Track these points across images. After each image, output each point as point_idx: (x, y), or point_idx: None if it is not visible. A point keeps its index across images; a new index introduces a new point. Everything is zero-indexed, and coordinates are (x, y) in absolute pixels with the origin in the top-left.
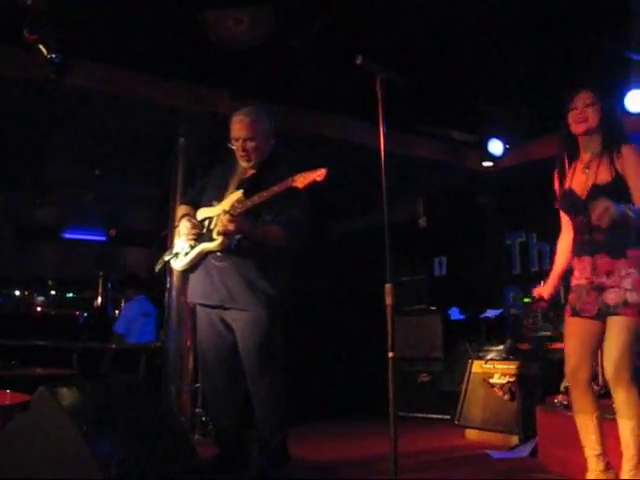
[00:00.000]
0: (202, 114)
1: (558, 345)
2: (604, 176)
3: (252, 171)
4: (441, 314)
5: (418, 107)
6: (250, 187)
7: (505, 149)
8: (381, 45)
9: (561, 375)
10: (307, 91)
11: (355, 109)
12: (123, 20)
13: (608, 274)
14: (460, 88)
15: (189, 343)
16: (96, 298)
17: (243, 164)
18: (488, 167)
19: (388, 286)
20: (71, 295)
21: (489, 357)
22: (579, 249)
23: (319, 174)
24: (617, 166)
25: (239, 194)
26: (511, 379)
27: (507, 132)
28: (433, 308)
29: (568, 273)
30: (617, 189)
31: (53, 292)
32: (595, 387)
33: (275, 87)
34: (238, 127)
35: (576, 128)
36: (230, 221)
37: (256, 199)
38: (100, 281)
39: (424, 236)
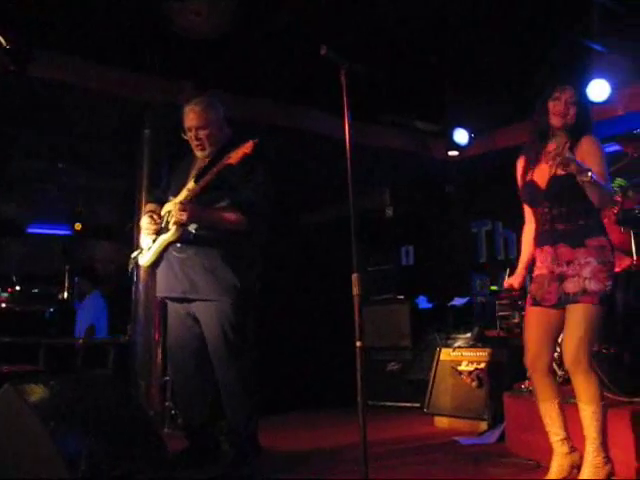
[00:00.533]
0: (166, 106)
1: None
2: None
3: (208, 160)
4: (409, 303)
5: (383, 97)
6: (202, 176)
7: (470, 138)
8: (344, 36)
9: None
10: (271, 82)
11: (321, 100)
12: (85, 11)
13: (568, 263)
14: (425, 78)
15: (157, 337)
16: (62, 293)
17: (198, 154)
18: (454, 156)
19: (355, 276)
20: (36, 290)
21: (457, 345)
22: (541, 240)
23: (247, 146)
24: (577, 157)
25: (192, 184)
26: (479, 366)
27: (472, 121)
28: (401, 297)
29: (531, 264)
30: (576, 180)
31: (18, 287)
32: (559, 372)
33: (239, 78)
34: (190, 117)
35: (556, 120)
36: (181, 210)
37: (201, 183)
38: (66, 275)
39: (391, 226)
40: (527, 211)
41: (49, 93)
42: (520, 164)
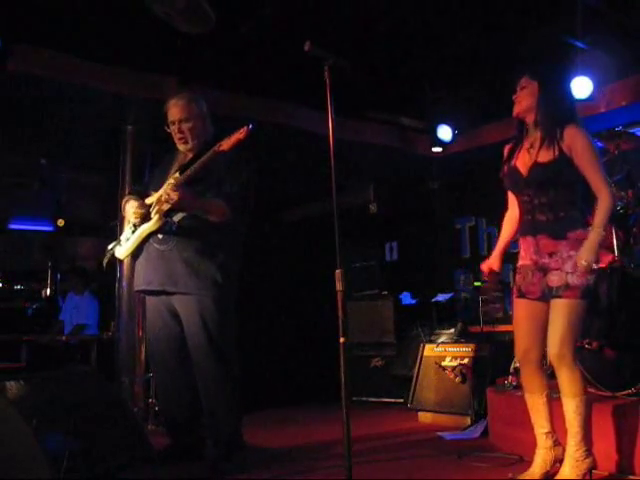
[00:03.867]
0: (150, 101)
1: (506, 327)
2: (546, 155)
3: (191, 155)
4: (393, 299)
5: (368, 94)
6: (187, 169)
7: (454, 135)
8: (330, 31)
9: (511, 357)
10: (256, 77)
11: (306, 96)
12: (67, 4)
13: (551, 254)
14: (409, 74)
15: (141, 333)
16: (44, 289)
17: (181, 147)
18: (437, 153)
19: (338, 272)
20: (18, 287)
21: (440, 340)
22: (523, 229)
23: (241, 132)
24: (562, 146)
25: (176, 175)
26: (462, 362)
27: (456, 118)
28: (385, 293)
29: (515, 255)
30: (558, 169)
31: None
32: (545, 366)
33: (224, 74)
34: (173, 111)
35: (514, 110)
36: (173, 190)
37: (188, 172)
38: (48, 272)
39: (375, 222)
40: (510, 197)
41: (30, 88)
42: (506, 151)
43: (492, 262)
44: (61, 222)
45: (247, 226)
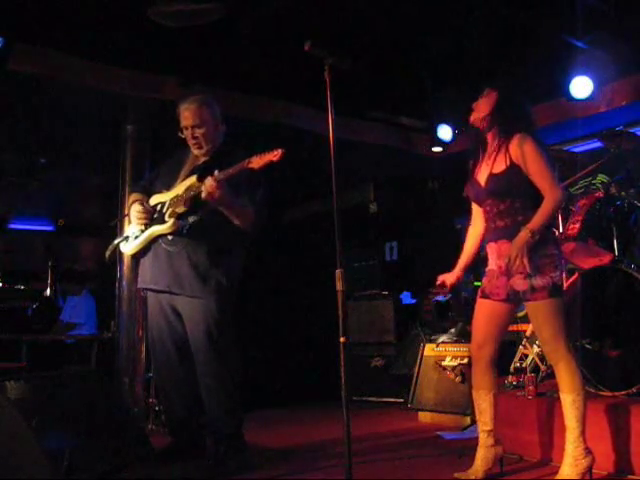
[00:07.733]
0: (150, 101)
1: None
2: (499, 165)
3: (205, 158)
4: (393, 298)
5: (368, 94)
6: (203, 172)
7: (454, 134)
8: (329, 30)
9: (511, 356)
10: (254, 77)
11: (306, 95)
12: (69, 5)
13: None
14: (409, 74)
15: (141, 333)
16: (45, 289)
17: (195, 152)
18: (438, 152)
19: (338, 271)
20: (18, 287)
21: (440, 340)
22: (487, 236)
23: (275, 154)
24: (511, 155)
25: (193, 179)
26: (462, 361)
27: (456, 118)
28: (385, 293)
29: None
30: (510, 178)
31: (0, 284)
32: (542, 367)
33: (223, 73)
34: (186, 115)
35: (469, 118)
36: (217, 187)
37: (230, 171)
38: (49, 272)
39: (375, 221)
40: (474, 212)
41: (29, 87)
42: (470, 166)
43: (447, 277)
44: (61, 222)
45: (253, 235)
